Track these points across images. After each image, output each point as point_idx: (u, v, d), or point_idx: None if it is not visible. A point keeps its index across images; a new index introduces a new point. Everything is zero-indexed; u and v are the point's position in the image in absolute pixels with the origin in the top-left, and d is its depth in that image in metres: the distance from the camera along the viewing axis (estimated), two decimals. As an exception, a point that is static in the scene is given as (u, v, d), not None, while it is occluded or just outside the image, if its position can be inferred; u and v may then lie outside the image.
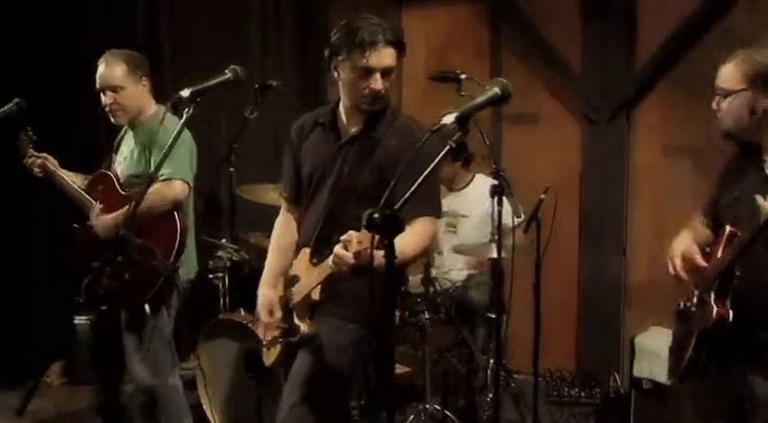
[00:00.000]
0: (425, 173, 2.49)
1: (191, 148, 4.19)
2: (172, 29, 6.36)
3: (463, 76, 4.23)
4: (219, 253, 5.01)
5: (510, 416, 4.97)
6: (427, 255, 4.64)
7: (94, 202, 4.23)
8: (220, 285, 5.03)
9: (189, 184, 4.09)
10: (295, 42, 6.47)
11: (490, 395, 4.75)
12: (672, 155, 5.63)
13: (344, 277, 2.90)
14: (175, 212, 4.06)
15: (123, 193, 4.21)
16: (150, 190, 3.98)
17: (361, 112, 3.25)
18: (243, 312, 4.65)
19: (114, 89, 4.18)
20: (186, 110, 3.01)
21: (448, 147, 2.45)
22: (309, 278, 3.17)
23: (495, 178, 3.93)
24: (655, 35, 5.54)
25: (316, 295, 3.15)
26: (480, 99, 2.55)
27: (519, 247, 4.11)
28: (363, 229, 2.65)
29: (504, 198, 4.13)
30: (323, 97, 6.48)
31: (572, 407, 5.24)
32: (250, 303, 4.88)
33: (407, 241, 2.95)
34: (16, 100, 4.25)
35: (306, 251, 3.28)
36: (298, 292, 3.27)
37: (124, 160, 4.29)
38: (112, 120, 4.27)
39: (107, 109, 4.24)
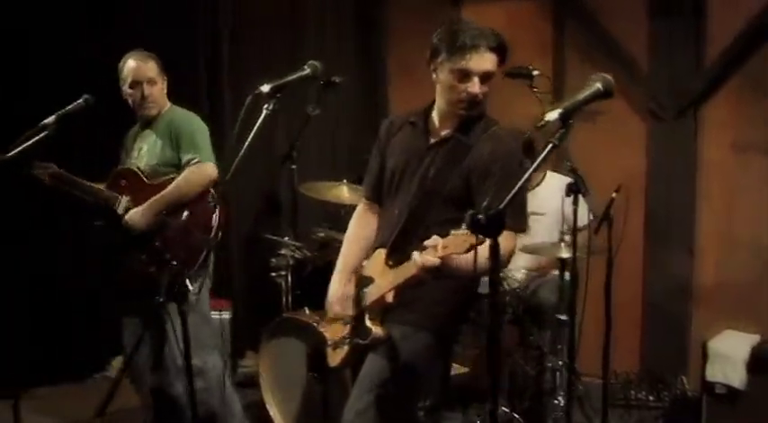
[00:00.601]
0: (519, 183, 2.45)
1: (207, 134, 4.35)
2: (231, 28, 6.32)
3: (535, 73, 4.15)
4: (282, 251, 4.96)
5: (577, 419, 4.86)
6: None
7: (120, 196, 4.30)
8: (283, 284, 4.98)
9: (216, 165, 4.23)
10: (354, 39, 6.42)
11: (558, 398, 4.66)
12: (741, 152, 5.50)
13: (423, 283, 2.85)
14: (212, 190, 4.18)
15: (150, 182, 4.29)
16: (182, 175, 4.21)
17: (456, 117, 3.19)
18: (308, 311, 4.60)
19: (151, 82, 4.35)
20: (266, 105, 2.95)
21: (551, 145, 2.37)
22: (384, 280, 3.10)
23: (569, 176, 3.84)
24: (724, 31, 5.42)
25: (390, 298, 3.07)
26: (583, 95, 2.48)
27: (593, 246, 4.03)
28: (455, 232, 2.60)
29: (580, 197, 4.08)
30: (382, 95, 6.45)
31: (640, 410, 5.14)
32: (313, 302, 4.87)
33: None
34: (85, 96, 4.22)
35: (381, 252, 3.21)
36: (371, 294, 3.19)
37: (146, 154, 4.37)
38: (144, 112, 4.39)
39: (140, 101, 4.36)
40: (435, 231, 2.80)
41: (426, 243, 2.72)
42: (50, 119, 4.05)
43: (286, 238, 4.98)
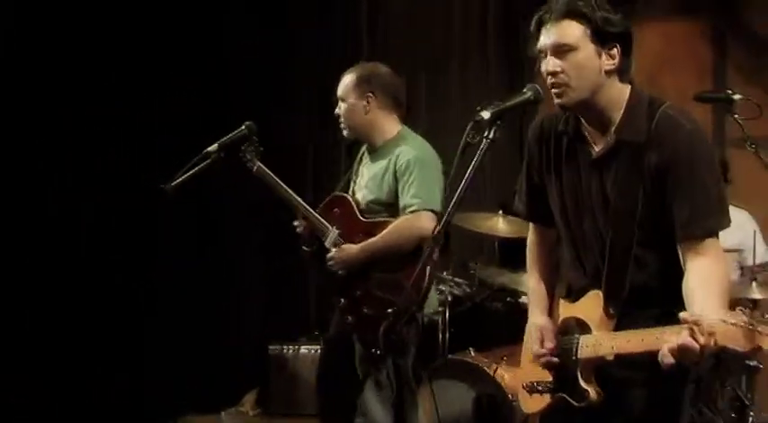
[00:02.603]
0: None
1: (438, 172, 3.87)
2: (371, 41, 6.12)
3: (737, 97, 3.76)
4: (440, 287, 4.66)
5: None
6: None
7: (330, 227, 3.95)
8: (440, 321, 4.67)
9: (437, 214, 3.72)
10: (499, 55, 6.10)
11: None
12: None
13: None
14: (423, 245, 3.65)
15: (364, 219, 3.94)
16: (396, 223, 3.81)
17: (579, 113, 2.72)
18: (473, 352, 4.29)
19: (341, 100, 3.99)
20: (486, 134, 2.63)
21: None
22: (608, 336, 2.67)
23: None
24: None
25: (611, 356, 2.63)
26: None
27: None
28: (725, 318, 2.17)
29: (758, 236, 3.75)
30: (527, 121, 6.11)
31: None
32: (470, 341, 4.57)
33: (719, 290, 2.47)
34: (246, 123, 4.03)
35: (598, 295, 2.74)
36: (588, 347, 2.73)
37: (366, 185, 4.00)
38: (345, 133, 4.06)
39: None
40: (648, 262, 2.58)
41: (686, 317, 2.28)
42: (213, 147, 3.87)
43: (444, 273, 4.68)
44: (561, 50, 2.62)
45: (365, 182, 4.00)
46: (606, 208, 2.71)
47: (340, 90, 3.99)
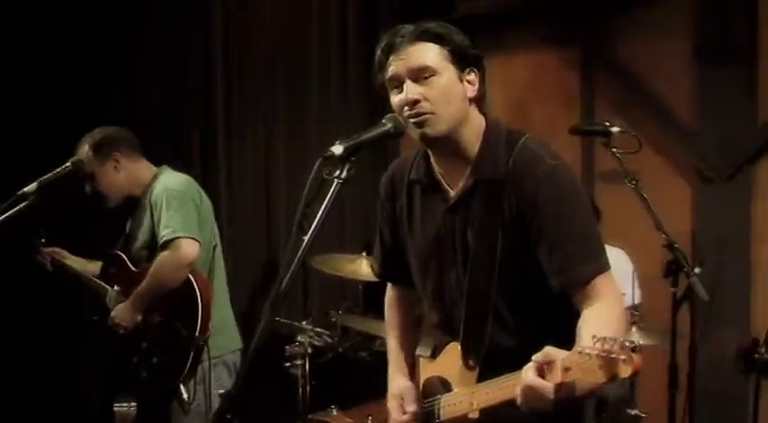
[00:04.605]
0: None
1: (194, 202, 3.72)
2: (226, 79, 5.71)
3: (615, 130, 3.52)
4: (299, 338, 4.26)
5: None
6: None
7: (109, 288, 3.81)
8: (299, 375, 4.26)
9: (198, 240, 3.57)
10: (361, 94, 5.76)
11: None
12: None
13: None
14: (191, 277, 3.56)
15: (135, 270, 3.76)
16: (155, 261, 3.60)
17: (438, 149, 2.43)
18: (335, 411, 3.90)
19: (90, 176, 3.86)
20: (338, 172, 2.25)
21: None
22: (467, 391, 2.37)
23: (669, 251, 3.22)
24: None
25: (475, 414, 2.35)
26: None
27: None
28: (583, 350, 1.88)
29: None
30: (393, 156, 5.80)
31: None
32: (332, 394, 4.20)
33: (612, 327, 2.17)
34: (73, 159, 3.69)
35: (456, 347, 2.46)
36: (449, 406, 2.47)
37: (134, 234, 3.88)
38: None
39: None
40: (508, 311, 2.32)
41: (536, 358, 2.01)
42: (32, 186, 3.45)
43: (303, 323, 4.27)
44: (421, 75, 2.30)
45: (134, 231, 3.87)
46: (466, 256, 2.40)
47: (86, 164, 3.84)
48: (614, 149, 3.59)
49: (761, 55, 4.96)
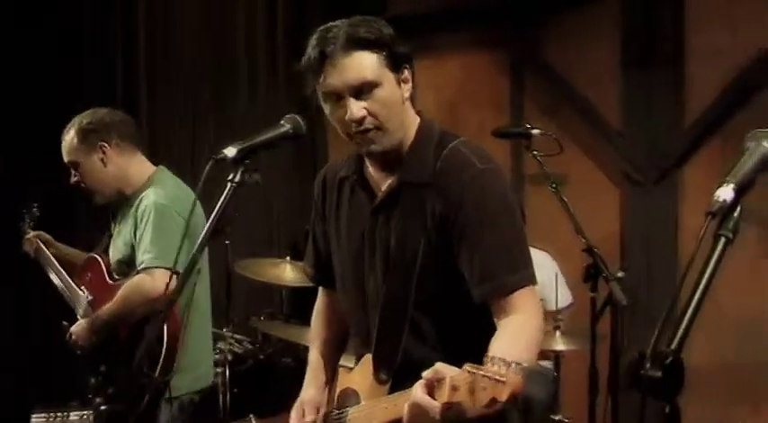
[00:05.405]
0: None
1: (184, 220, 3.20)
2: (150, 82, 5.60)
3: (535, 132, 3.48)
4: (219, 345, 4.15)
5: None
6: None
7: (82, 295, 3.46)
8: (219, 383, 4.15)
9: (176, 272, 3.02)
10: (290, 94, 5.68)
11: None
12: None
13: None
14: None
15: (112, 282, 3.39)
16: (126, 285, 3.25)
17: (376, 158, 2.30)
18: (254, 420, 3.81)
19: (74, 164, 3.41)
20: (231, 176, 2.17)
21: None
22: (375, 407, 2.27)
23: (589, 255, 3.19)
24: (707, 86, 4.92)
25: None
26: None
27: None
28: (468, 367, 1.80)
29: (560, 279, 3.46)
30: (321, 158, 5.73)
31: None
32: (254, 403, 4.11)
33: (522, 345, 2.09)
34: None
35: (369, 359, 2.37)
36: (355, 418, 2.39)
37: (115, 244, 3.46)
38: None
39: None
40: (424, 324, 2.19)
41: (425, 375, 1.91)
42: None
43: (224, 330, 4.17)
44: (363, 90, 2.16)
45: (116, 238, 3.46)
46: (387, 260, 2.28)
47: (66, 155, 3.42)
48: (535, 152, 3.54)
49: (687, 58, 5.01)
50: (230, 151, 2.16)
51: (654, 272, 5.13)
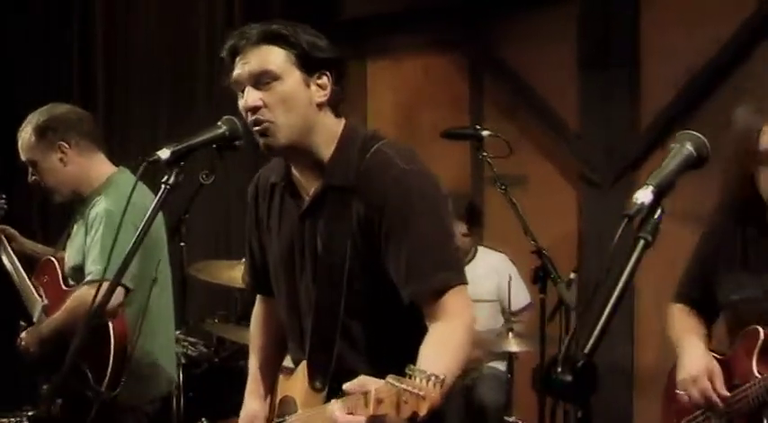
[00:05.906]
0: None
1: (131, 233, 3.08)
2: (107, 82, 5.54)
3: (485, 133, 3.48)
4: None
5: None
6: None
7: (39, 299, 3.35)
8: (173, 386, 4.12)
9: (126, 287, 3.03)
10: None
11: None
12: (685, 222, 4.98)
13: None
14: (110, 324, 3.07)
15: (66, 288, 3.29)
16: (73, 296, 3.14)
17: (288, 157, 2.30)
18: (206, 424, 3.78)
19: (32, 162, 3.29)
20: (165, 179, 2.15)
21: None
22: (310, 408, 2.27)
23: (538, 257, 3.19)
24: (662, 88, 4.93)
25: None
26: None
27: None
28: (391, 380, 1.79)
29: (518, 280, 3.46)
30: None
31: None
32: (208, 407, 4.08)
33: (450, 350, 2.10)
34: None
35: (304, 366, 2.33)
36: None
37: (70, 246, 3.36)
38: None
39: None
40: (355, 330, 2.19)
41: (348, 387, 1.91)
42: None
43: (177, 333, 4.13)
44: (262, 81, 2.17)
45: (72, 241, 3.36)
46: (315, 265, 2.28)
47: (23, 153, 3.29)
48: (485, 154, 3.54)
49: (643, 60, 5.01)
50: (164, 153, 2.14)
51: (610, 273, 5.13)
